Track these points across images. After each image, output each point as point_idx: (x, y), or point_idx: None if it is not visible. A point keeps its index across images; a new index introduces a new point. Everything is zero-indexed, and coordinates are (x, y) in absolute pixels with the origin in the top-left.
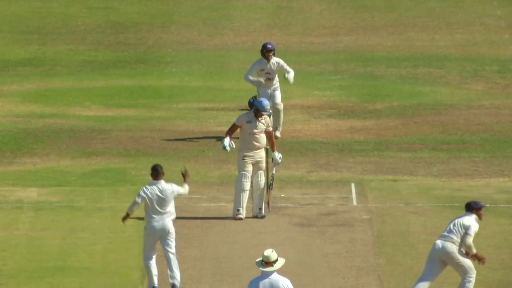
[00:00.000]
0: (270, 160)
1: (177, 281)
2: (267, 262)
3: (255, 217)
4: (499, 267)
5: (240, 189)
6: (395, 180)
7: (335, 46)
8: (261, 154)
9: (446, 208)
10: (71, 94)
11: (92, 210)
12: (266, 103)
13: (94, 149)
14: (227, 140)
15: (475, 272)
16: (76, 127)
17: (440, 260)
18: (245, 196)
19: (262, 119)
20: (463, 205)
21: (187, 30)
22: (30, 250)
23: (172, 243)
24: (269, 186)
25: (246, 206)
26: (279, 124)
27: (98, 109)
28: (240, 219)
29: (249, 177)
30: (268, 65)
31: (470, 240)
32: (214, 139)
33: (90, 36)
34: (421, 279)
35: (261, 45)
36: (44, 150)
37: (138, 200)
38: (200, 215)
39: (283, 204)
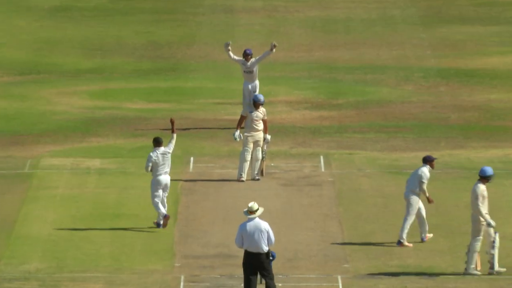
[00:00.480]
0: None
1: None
2: (251, 211)
3: (253, 179)
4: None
5: (243, 160)
6: (350, 154)
7: (309, 59)
8: (260, 135)
9: (386, 173)
10: (124, 93)
11: (139, 175)
12: (261, 96)
13: (140, 131)
14: (237, 133)
15: (413, 218)
16: (127, 116)
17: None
18: (247, 165)
19: (260, 110)
20: (399, 171)
21: (205, 47)
22: (96, 201)
23: (166, 193)
24: (262, 158)
25: (247, 172)
26: None
27: (142, 103)
28: (242, 181)
29: (250, 151)
30: (248, 63)
31: (423, 186)
32: (224, 125)
33: (137, 52)
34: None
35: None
36: (105, 132)
37: (149, 163)
38: (214, 178)
39: (272, 171)
